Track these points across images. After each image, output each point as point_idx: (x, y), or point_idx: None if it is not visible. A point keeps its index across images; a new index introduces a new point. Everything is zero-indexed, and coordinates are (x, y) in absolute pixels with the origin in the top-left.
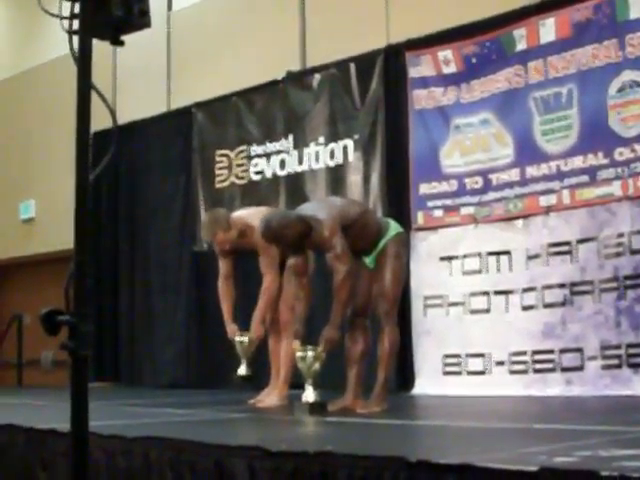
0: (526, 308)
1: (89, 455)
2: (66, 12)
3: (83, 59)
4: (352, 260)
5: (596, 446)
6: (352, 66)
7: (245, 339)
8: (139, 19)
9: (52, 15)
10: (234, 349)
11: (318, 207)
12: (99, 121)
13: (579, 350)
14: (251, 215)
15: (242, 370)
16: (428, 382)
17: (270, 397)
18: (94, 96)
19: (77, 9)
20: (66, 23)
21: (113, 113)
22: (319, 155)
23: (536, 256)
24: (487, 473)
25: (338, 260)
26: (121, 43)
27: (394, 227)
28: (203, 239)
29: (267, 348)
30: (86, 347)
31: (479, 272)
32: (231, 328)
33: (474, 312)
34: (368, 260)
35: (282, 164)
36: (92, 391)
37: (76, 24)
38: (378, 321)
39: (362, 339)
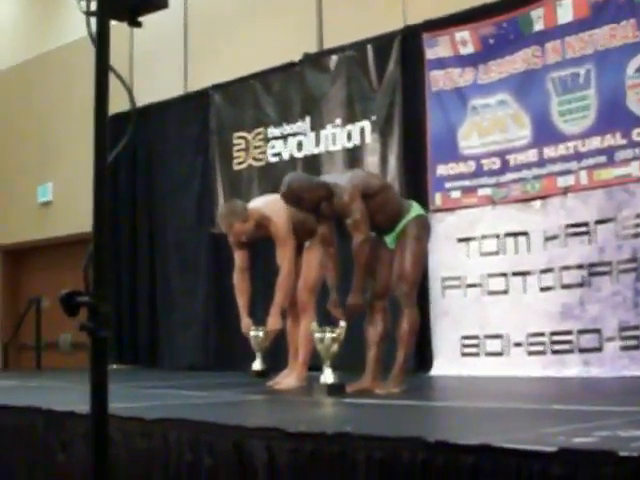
0: (544, 289)
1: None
2: None
3: (101, 41)
4: (369, 229)
5: (615, 427)
6: (369, 47)
7: (260, 334)
8: (156, 0)
9: None
10: (249, 342)
11: (340, 176)
12: (116, 104)
13: (597, 331)
14: (268, 205)
15: (257, 365)
16: (446, 363)
17: (289, 379)
18: (111, 78)
19: None
20: (84, 5)
21: (131, 94)
22: (336, 137)
23: (554, 237)
24: (506, 453)
25: (356, 226)
26: (139, 24)
27: (416, 209)
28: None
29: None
30: (105, 328)
31: (497, 253)
32: (245, 322)
33: (492, 293)
34: (388, 240)
35: (299, 146)
36: (111, 373)
37: (94, 5)
38: (397, 303)
39: (381, 321)
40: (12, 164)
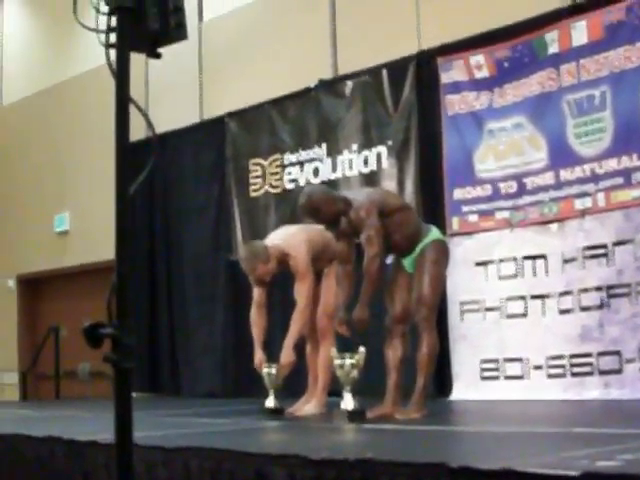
0: (563, 312)
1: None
2: (102, 25)
3: (121, 72)
4: (383, 246)
5: (638, 450)
6: (384, 72)
7: (273, 370)
8: (175, 31)
9: (89, 29)
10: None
11: (359, 192)
12: (133, 132)
13: (617, 353)
14: (287, 240)
15: (270, 402)
16: (466, 387)
17: (309, 405)
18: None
19: (113, 22)
20: (103, 37)
21: (152, 125)
22: (353, 162)
23: (572, 259)
24: (529, 478)
25: (369, 240)
26: (158, 56)
27: (435, 233)
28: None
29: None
30: (129, 359)
31: (515, 276)
32: (259, 357)
33: (511, 317)
34: (407, 263)
35: (316, 172)
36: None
37: (113, 37)
38: (417, 327)
39: (401, 346)
40: (29, 194)
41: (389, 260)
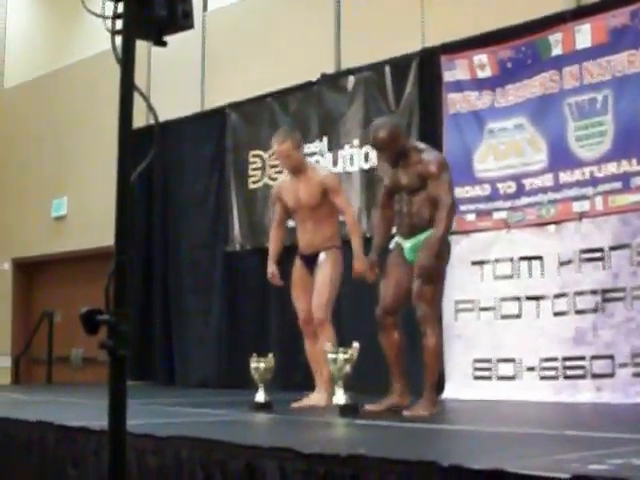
0: (557, 314)
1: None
2: (109, 12)
3: (126, 59)
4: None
5: (629, 454)
6: (387, 69)
7: (261, 365)
8: (182, 20)
9: (96, 15)
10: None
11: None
12: (134, 119)
13: (610, 357)
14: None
15: (259, 397)
16: (458, 386)
17: (317, 395)
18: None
19: (120, 9)
20: (109, 23)
21: (155, 113)
22: (353, 157)
23: (568, 262)
24: (520, 479)
25: (446, 192)
26: (164, 44)
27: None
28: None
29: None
30: (125, 346)
31: (510, 277)
32: (272, 269)
33: (505, 317)
34: (408, 246)
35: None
36: None
37: (119, 24)
38: (418, 325)
39: (395, 333)
40: (28, 177)
41: (392, 245)
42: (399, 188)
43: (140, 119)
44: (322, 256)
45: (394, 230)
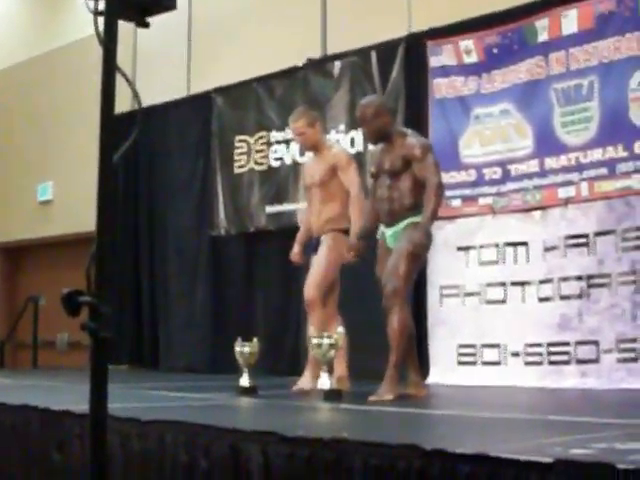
0: (542, 300)
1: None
2: None
3: (109, 41)
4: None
5: (612, 439)
6: (373, 54)
7: (246, 349)
8: (166, 1)
9: None
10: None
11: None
12: (119, 104)
13: (595, 343)
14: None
15: (244, 381)
16: (443, 372)
17: (304, 379)
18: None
19: None
20: (91, 4)
21: (137, 95)
22: (340, 142)
23: (553, 248)
24: (502, 463)
25: (433, 172)
26: (147, 25)
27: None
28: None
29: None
30: (107, 328)
31: (496, 263)
32: (295, 250)
33: (490, 302)
34: (389, 233)
35: (302, 151)
36: (109, 373)
37: (102, 5)
38: (386, 302)
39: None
40: (13, 162)
41: (379, 235)
42: (381, 172)
43: (125, 104)
44: (322, 239)
45: None
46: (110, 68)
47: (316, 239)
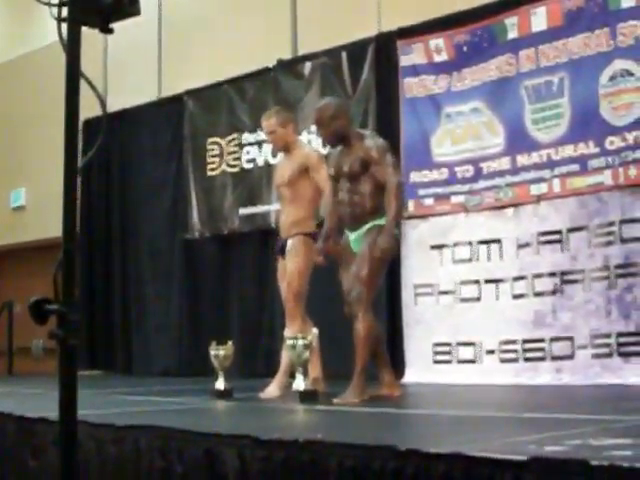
0: (516, 297)
1: (79, 444)
2: None
3: (72, 47)
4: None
5: (586, 435)
6: (343, 54)
7: (221, 352)
8: (129, 7)
9: (41, 2)
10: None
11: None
12: (89, 109)
13: (569, 339)
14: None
15: (219, 384)
16: (418, 371)
17: (271, 387)
18: (84, 84)
19: None
20: (55, 10)
21: (102, 101)
22: (311, 143)
23: (526, 245)
24: (477, 462)
25: (392, 173)
26: (110, 31)
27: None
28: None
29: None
30: (75, 336)
31: (469, 261)
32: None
33: (464, 301)
34: (352, 238)
35: (274, 152)
36: (83, 379)
37: (65, 11)
38: (350, 307)
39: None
40: None
41: (343, 239)
42: (341, 175)
43: (96, 109)
44: (289, 244)
45: None
46: (74, 74)
47: (283, 240)
